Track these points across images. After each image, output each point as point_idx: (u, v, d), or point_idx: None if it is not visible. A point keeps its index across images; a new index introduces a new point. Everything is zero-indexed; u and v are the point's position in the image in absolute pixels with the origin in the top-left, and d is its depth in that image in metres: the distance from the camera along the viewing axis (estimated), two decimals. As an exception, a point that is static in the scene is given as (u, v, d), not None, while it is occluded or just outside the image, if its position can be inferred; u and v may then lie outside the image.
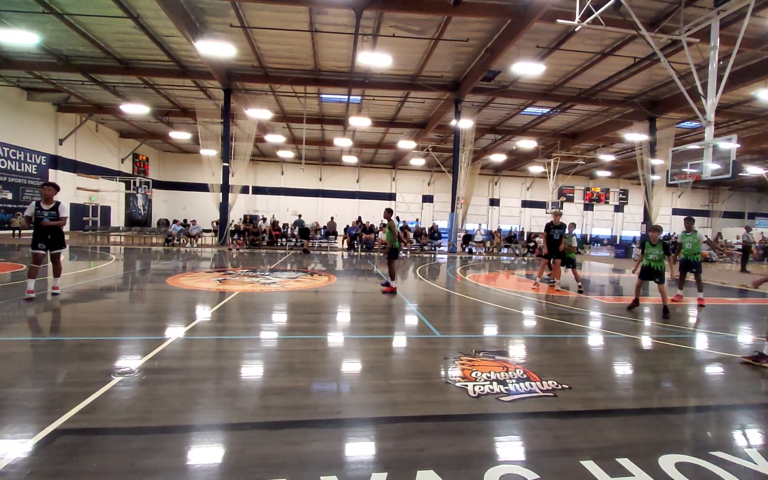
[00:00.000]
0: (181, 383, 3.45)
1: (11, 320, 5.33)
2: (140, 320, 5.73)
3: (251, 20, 14.04)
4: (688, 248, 8.42)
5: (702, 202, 42.53)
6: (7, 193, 21.23)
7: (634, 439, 2.78)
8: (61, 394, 3.15)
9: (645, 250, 7.17)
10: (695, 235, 8.40)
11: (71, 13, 13.59)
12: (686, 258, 8.50)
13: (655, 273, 7.02)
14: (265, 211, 34.25)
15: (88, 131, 26.72)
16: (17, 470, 2.22)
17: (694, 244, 8.38)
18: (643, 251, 7.26)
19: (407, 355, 4.57)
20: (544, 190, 33.97)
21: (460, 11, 12.36)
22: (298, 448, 2.53)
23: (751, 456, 2.60)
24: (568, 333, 5.72)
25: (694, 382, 4.04)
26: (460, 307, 7.64)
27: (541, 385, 3.63)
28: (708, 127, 10.52)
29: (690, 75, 11.04)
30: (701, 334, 5.99)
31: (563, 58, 15.66)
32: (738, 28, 10.27)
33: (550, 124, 24.62)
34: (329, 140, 29.28)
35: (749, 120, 21.04)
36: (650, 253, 7.06)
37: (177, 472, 2.26)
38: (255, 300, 7.20)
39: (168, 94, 21.76)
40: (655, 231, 7.12)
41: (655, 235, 7.05)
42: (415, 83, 18.61)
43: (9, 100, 21.16)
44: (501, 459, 2.49)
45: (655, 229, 7.14)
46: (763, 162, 29.68)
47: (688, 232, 8.49)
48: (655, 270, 7.02)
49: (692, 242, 8.39)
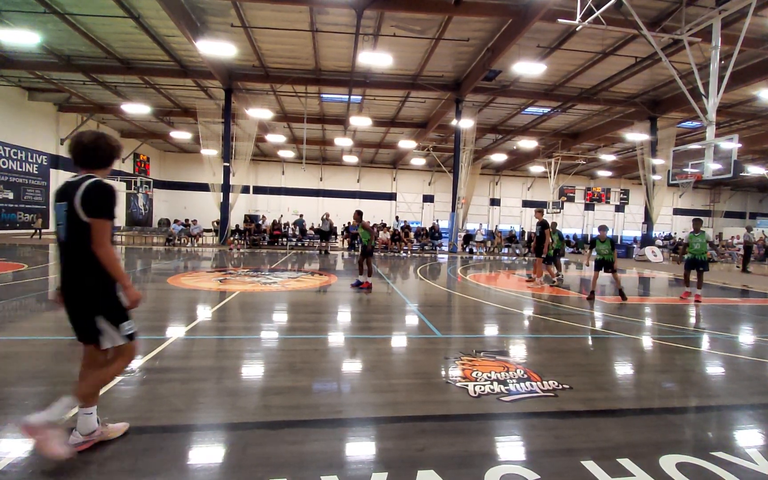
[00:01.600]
0: (182, 383, 3.45)
1: (12, 320, 5.34)
2: (141, 320, 5.72)
3: (252, 20, 14.04)
4: (697, 248, 8.71)
5: (703, 202, 42.44)
6: (9, 193, 21.27)
7: (635, 439, 2.77)
8: (62, 393, 3.14)
9: (597, 246, 8.59)
10: (703, 235, 8.74)
11: (72, 12, 13.61)
12: (693, 257, 8.77)
13: (608, 264, 8.44)
14: (265, 210, 34.28)
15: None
16: (19, 469, 2.22)
17: (702, 244, 8.69)
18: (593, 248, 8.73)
19: (408, 355, 4.57)
20: (544, 190, 33.94)
21: (461, 11, 12.35)
22: (298, 447, 2.53)
23: (751, 456, 2.60)
24: (569, 333, 5.71)
25: (694, 382, 4.03)
26: (460, 307, 7.64)
27: (542, 385, 3.63)
28: (709, 126, 10.50)
29: (691, 74, 11.02)
30: (701, 334, 5.98)
31: (564, 57, 15.64)
32: (740, 27, 10.25)
33: (550, 123, 24.59)
34: (330, 140, 29.27)
35: (751, 120, 20.99)
36: (601, 248, 8.51)
37: (178, 471, 2.27)
38: (256, 300, 7.21)
39: (169, 94, 21.78)
40: (603, 230, 8.65)
41: (603, 233, 8.55)
42: (416, 83, 18.60)
43: (10, 100, 21.20)
44: (501, 459, 2.49)
45: (603, 229, 8.69)
46: (764, 162, 29.60)
47: (696, 232, 8.80)
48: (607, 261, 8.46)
49: (700, 242, 8.70)
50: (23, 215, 22.37)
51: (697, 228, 8.80)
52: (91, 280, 2.28)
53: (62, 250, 2.31)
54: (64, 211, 2.24)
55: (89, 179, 2.26)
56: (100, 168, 2.39)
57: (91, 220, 2.21)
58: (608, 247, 8.43)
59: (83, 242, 2.22)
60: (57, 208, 2.30)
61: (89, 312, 2.31)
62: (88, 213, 2.21)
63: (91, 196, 2.21)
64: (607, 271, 8.51)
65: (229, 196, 20.49)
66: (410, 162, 34.75)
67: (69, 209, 2.22)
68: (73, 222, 2.23)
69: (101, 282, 2.30)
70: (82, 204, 2.20)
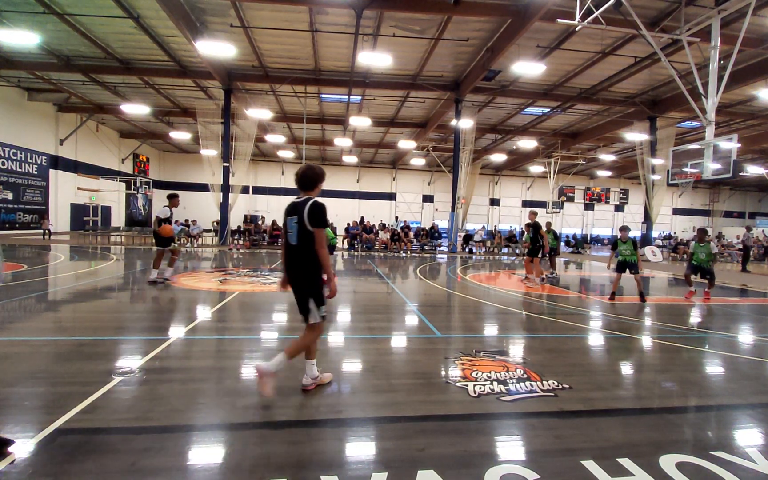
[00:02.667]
0: (182, 383, 3.45)
1: (12, 320, 5.33)
2: (141, 320, 5.73)
3: (251, 20, 14.04)
4: (702, 258, 8.78)
5: (703, 202, 42.49)
6: (8, 194, 21.26)
7: (635, 438, 2.78)
8: (62, 393, 3.15)
9: (618, 247, 8.39)
10: (708, 246, 8.78)
11: (72, 13, 13.60)
12: (699, 265, 8.87)
13: (631, 265, 8.23)
14: (265, 211, 34.27)
15: (88, 131, 26.74)
16: (19, 470, 2.22)
17: (708, 254, 8.77)
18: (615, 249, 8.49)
19: (408, 355, 4.57)
20: (544, 189, 33.95)
21: (460, 11, 12.35)
22: (298, 447, 2.53)
23: (751, 456, 2.60)
24: (569, 332, 5.72)
25: (694, 382, 4.03)
26: (460, 306, 7.64)
27: (542, 384, 3.63)
28: (709, 126, 10.51)
29: (691, 74, 11.03)
30: (701, 334, 5.98)
31: (563, 57, 15.65)
32: (739, 27, 10.26)
33: (550, 123, 24.61)
34: (329, 140, 29.28)
35: (750, 119, 21.01)
36: (623, 249, 8.31)
37: (178, 471, 2.27)
38: (255, 300, 7.20)
39: (168, 94, 21.77)
40: (625, 230, 8.41)
41: (624, 233, 8.33)
42: (416, 83, 18.60)
43: (10, 100, 21.18)
44: (501, 459, 2.49)
45: (625, 229, 8.45)
46: (763, 161, 29.64)
47: (701, 242, 8.85)
48: (630, 263, 8.25)
49: (705, 252, 8.78)
50: (23, 216, 22.35)
51: (701, 238, 8.80)
52: (311, 271, 3.19)
53: (292, 251, 3.24)
54: (294, 223, 3.18)
55: (310, 200, 3.17)
56: (312, 190, 3.32)
57: (315, 230, 3.10)
58: (630, 247, 8.25)
59: (309, 245, 3.13)
60: (288, 220, 3.24)
61: (306, 294, 3.23)
62: (312, 225, 3.10)
63: (314, 212, 3.10)
64: (631, 272, 8.27)
65: (229, 197, 20.48)
66: (410, 162, 34.77)
67: (299, 221, 3.14)
68: (303, 231, 3.13)
69: (317, 274, 3.20)
70: (309, 218, 3.09)
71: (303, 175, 3.32)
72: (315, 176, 3.34)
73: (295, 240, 3.18)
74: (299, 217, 3.13)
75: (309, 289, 3.21)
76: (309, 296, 3.21)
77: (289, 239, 3.23)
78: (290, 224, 3.21)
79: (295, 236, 3.18)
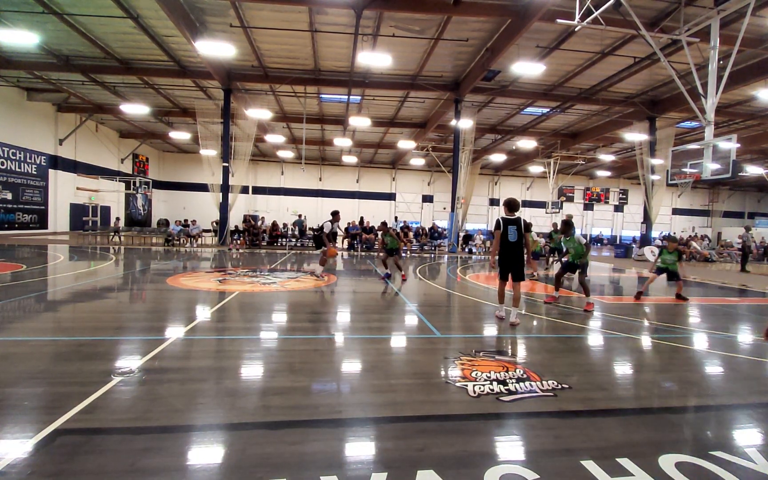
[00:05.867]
0: (182, 383, 3.45)
1: (13, 320, 5.33)
2: (140, 320, 5.73)
3: (251, 20, 14.04)
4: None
5: (702, 202, 42.53)
6: (7, 194, 21.24)
7: (635, 438, 2.78)
8: (61, 394, 3.15)
9: (663, 255, 8.76)
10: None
11: (71, 13, 13.59)
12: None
13: (671, 273, 8.57)
14: (265, 211, 34.27)
15: (88, 131, 26.72)
16: (18, 470, 2.22)
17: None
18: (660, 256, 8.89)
19: (407, 355, 4.58)
20: (544, 190, 33.96)
21: (460, 11, 12.36)
22: (298, 447, 2.53)
23: (751, 455, 2.60)
24: (568, 333, 5.72)
25: (693, 382, 4.04)
26: (460, 306, 7.64)
27: (541, 384, 3.63)
28: (708, 126, 10.52)
29: (690, 74, 11.03)
30: (700, 334, 5.98)
31: (563, 57, 15.66)
32: (738, 27, 10.27)
33: (550, 123, 24.62)
34: (329, 140, 29.27)
35: (749, 119, 21.03)
36: (667, 258, 8.62)
37: (177, 471, 2.26)
38: (255, 300, 7.20)
39: (168, 94, 21.76)
40: (673, 241, 8.90)
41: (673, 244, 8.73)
42: (415, 83, 18.61)
43: (9, 100, 21.16)
44: (501, 459, 2.49)
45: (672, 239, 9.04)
46: (763, 162, 29.67)
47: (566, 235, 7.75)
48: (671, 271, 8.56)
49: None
50: (22, 216, 22.33)
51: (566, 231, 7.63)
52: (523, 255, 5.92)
53: (511, 247, 5.83)
54: (515, 228, 5.80)
55: (519, 216, 5.96)
56: (516, 211, 5.95)
57: (525, 234, 5.91)
58: (675, 257, 8.56)
59: (521, 241, 5.85)
60: (509, 227, 5.80)
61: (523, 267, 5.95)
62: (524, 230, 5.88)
63: (525, 224, 5.96)
64: (670, 279, 8.67)
65: (228, 197, 20.47)
66: (409, 162, 34.78)
67: (518, 228, 5.81)
68: (520, 233, 5.81)
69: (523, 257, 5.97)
70: (524, 226, 5.88)
71: (514, 202, 6.00)
72: (514, 205, 5.97)
73: (515, 237, 5.79)
74: (518, 226, 5.82)
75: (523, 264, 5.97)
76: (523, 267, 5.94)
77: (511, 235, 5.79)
78: (511, 230, 5.77)
79: (514, 235, 5.79)
